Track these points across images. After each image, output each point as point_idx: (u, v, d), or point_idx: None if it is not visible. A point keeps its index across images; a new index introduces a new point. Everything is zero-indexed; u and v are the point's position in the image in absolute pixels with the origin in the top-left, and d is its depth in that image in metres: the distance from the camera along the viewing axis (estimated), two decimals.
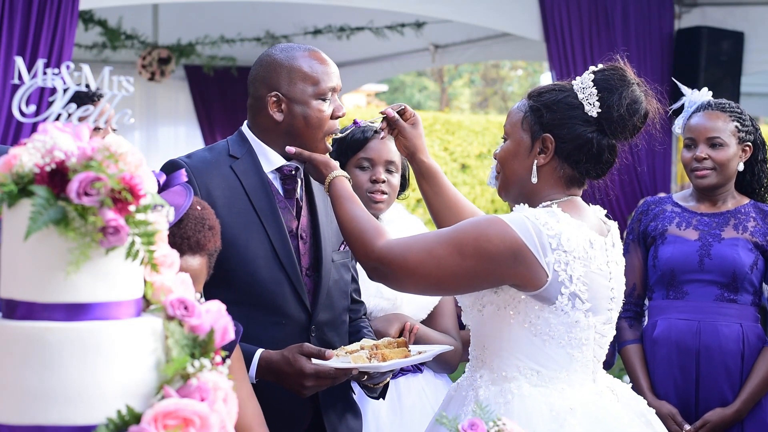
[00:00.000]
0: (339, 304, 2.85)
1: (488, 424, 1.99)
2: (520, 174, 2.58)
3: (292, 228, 2.78)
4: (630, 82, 2.56)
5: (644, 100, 2.57)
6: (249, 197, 2.72)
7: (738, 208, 3.56)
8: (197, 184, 2.67)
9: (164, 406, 1.53)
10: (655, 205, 3.69)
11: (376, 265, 2.46)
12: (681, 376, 3.49)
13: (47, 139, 1.57)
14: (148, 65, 8.96)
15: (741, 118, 3.56)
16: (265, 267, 2.70)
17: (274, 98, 2.75)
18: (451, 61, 10.27)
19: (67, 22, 5.66)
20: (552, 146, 2.54)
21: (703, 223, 3.55)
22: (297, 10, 8.24)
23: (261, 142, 2.79)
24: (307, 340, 2.73)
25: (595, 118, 2.54)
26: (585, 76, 2.58)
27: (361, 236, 2.50)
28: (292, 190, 2.80)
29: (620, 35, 7.34)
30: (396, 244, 2.47)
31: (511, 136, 2.61)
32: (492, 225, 2.43)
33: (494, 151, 2.66)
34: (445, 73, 25.83)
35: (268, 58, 2.80)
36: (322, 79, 2.76)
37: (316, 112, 2.74)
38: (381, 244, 2.47)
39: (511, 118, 2.63)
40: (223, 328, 1.67)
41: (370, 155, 3.27)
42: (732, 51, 7.54)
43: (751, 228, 3.50)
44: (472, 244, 2.41)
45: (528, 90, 2.71)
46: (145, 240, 1.58)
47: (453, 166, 16.28)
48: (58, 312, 1.55)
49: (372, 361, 2.57)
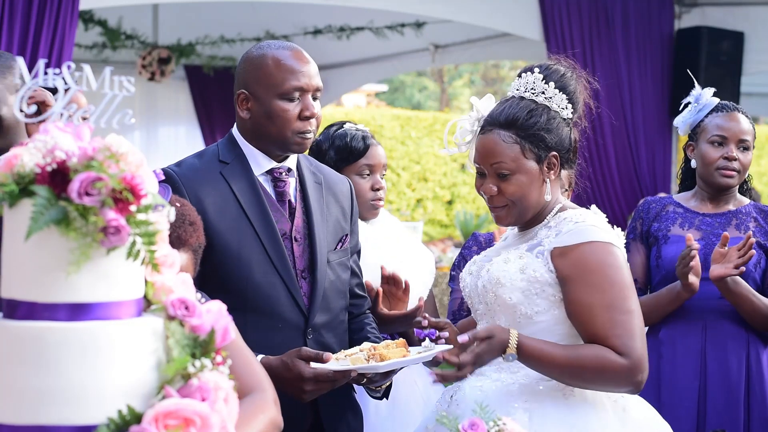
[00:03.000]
0: (336, 305, 2.83)
1: (488, 424, 1.99)
2: (537, 200, 2.64)
3: (285, 230, 2.75)
4: (568, 72, 2.72)
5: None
6: (239, 202, 2.70)
7: (739, 208, 3.58)
8: (187, 193, 2.64)
9: (165, 406, 1.53)
10: (656, 205, 3.69)
11: (638, 373, 2.47)
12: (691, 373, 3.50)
13: (48, 139, 1.57)
14: (148, 65, 8.96)
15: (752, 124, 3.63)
16: (259, 271, 2.68)
17: (242, 95, 2.74)
18: (451, 61, 10.28)
19: (68, 22, 5.67)
20: (558, 161, 2.64)
21: (705, 224, 3.56)
22: (297, 10, 8.24)
23: (248, 144, 2.77)
24: (303, 343, 2.72)
25: (570, 118, 2.69)
26: (541, 85, 2.65)
27: (606, 370, 2.47)
28: (284, 192, 2.78)
29: (620, 35, 7.34)
30: (625, 341, 2.47)
31: (518, 171, 2.61)
32: (614, 256, 2.55)
33: (489, 191, 2.63)
34: (445, 73, 25.83)
35: (244, 55, 2.79)
36: (286, 78, 2.69)
37: (279, 111, 2.68)
38: (627, 361, 2.46)
39: (502, 152, 2.61)
40: (223, 328, 1.67)
41: (371, 162, 3.35)
42: (732, 51, 7.54)
43: (752, 228, 3.52)
44: (626, 282, 2.53)
45: (487, 117, 2.68)
46: (146, 240, 1.58)
47: (453, 166, 16.28)
48: (58, 312, 1.55)
49: (370, 362, 2.57)
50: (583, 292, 2.50)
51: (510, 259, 2.60)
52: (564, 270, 2.53)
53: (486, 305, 2.64)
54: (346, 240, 2.88)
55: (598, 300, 2.48)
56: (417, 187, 15.82)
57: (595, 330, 2.49)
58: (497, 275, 2.58)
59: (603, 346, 2.47)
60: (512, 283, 2.56)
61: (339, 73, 10.21)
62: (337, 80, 10.22)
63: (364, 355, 2.58)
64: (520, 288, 2.56)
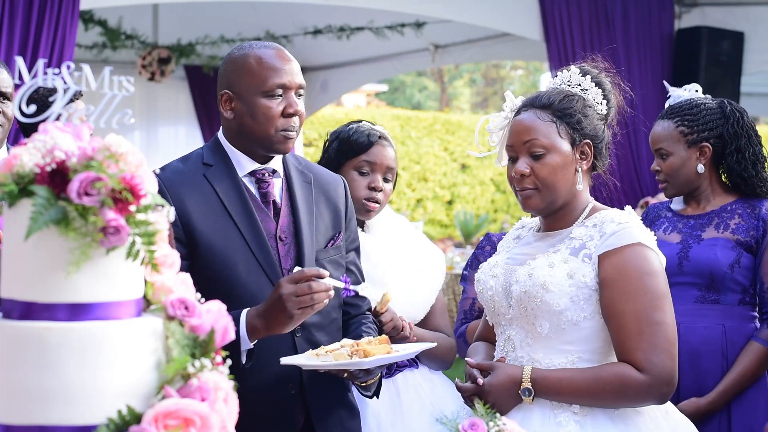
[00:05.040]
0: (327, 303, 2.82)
1: (488, 424, 1.99)
2: (568, 188, 2.61)
3: (270, 230, 2.75)
4: (604, 73, 2.74)
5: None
6: (223, 203, 2.70)
7: (723, 206, 3.47)
8: (170, 196, 2.65)
9: (165, 406, 1.53)
10: (653, 212, 3.68)
11: (661, 387, 2.46)
12: None
13: (48, 139, 1.57)
14: (148, 65, 8.96)
15: (690, 119, 3.47)
16: (245, 271, 2.68)
17: (225, 96, 2.75)
18: (451, 61, 10.27)
19: (68, 22, 5.67)
20: (591, 151, 2.63)
21: (688, 226, 3.50)
22: (297, 10, 8.25)
23: (232, 146, 2.78)
24: (292, 342, 2.71)
25: (604, 114, 2.69)
26: (578, 78, 2.68)
27: (627, 389, 2.46)
28: (267, 193, 2.78)
29: (620, 35, 7.33)
30: (648, 356, 2.45)
31: (552, 150, 2.59)
32: (652, 263, 2.52)
33: (520, 170, 2.60)
34: (445, 73, 25.83)
35: (226, 56, 2.81)
36: (269, 75, 2.70)
37: (263, 109, 2.70)
38: (646, 377, 2.45)
39: (538, 130, 2.60)
40: (223, 328, 1.67)
41: (372, 159, 3.24)
42: (732, 51, 7.54)
43: (733, 226, 3.42)
44: (660, 291, 2.51)
45: (524, 100, 2.70)
46: (146, 240, 1.58)
47: (453, 166, 16.28)
48: (58, 312, 1.55)
49: (353, 359, 2.56)
50: (617, 298, 2.48)
51: (555, 263, 2.54)
52: (604, 272, 2.51)
53: (524, 310, 2.58)
54: (339, 238, 2.87)
55: (630, 308, 2.46)
56: (417, 187, 15.82)
57: (621, 339, 2.48)
58: (543, 280, 2.52)
59: (625, 360, 2.47)
60: (560, 289, 2.51)
61: (339, 73, 10.21)
62: (337, 80, 10.23)
63: (347, 351, 2.56)
64: (569, 294, 2.51)
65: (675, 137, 3.47)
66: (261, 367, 2.64)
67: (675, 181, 3.50)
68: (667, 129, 3.50)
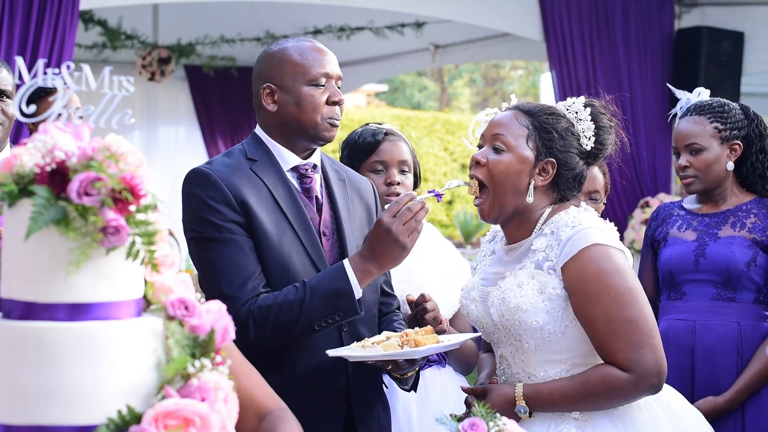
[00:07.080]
0: (368, 298, 2.84)
1: (488, 424, 1.99)
2: (517, 192, 2.59)
3: (315, 225, 2.79)
4: (608, 116, 2.68)
5: None
6: (273, 196, 2.73)
7: (739, 205, 3.52)
8: (226, 186, 2.67)
9: (165, 406, 1.53)
10: (664, 211, 3.69)
11: (649, 381, 2.45)
12: (677, 377, 3.48)
13: (48, 139, 1.57)
14: (148, 65, 8.96)
15: (722, 117, 3.50)
16: (298, 262, 2.71)
17: (267, 90, 2.77)
18: (451, 61, 10.27)
19: (68, 22, 5.66)
20: (553, 171, 2.60)
21: (703, 224, 3.54)
22: (297, 10, 8.25)
23: (274, 141, 2.81)
24: (339, 335, 2.75)
25: (587, 151, 2.65)
26: (578, 107, 2.65)
27: (614, 390, 2.46)
28: (310, 188, 2.81)
29: (620, 35, 7.33)
30: (628, 355, 2.45)
31: (513, 150, 2.60)
32: (611, 260, 2.49)
33: (477, 157, 2.62)
34: (445, 73, 25.83)
35: (263, 53, 2.84)
36: (312, 65, 2.74)
37: (308, 98, 2.73)
38: (632, 376, 2.45)
39: (509, 128, 2.61)
40: (223, 328, 1.67)
41: (383, 158, 3.29)
42: (732, 51, 7.54)
43: (749, 225, 3.46)
44: (623, 287, 2.48)
45: (517, 102, 2.71)
46: (146, 240, 1.58)
47: (453, 166, 16.29)
48: (58, 312, 1.55)
49: (404, 348, 2.57)
50: (584, 304, 2.48)
51: (523, 282, 2.54)
52: (567, 282, 2.51)
53: (507, 331, 2.60)
54: None
55: (598, 312, 2.46)
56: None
57: (599, 342, 2.48)
58: (516, 302, 2.53)
59: (608, 362, 2.47)
60: (535, 307, 2.52)
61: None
62: None
63: (396, 341, 2.58)
64: (544, 308, 2.52)
65: (709, 133, 3.50)
66: (311, 358, 2.69)
67: (706, 177, 3.52)
68: (701, 124, 3.51)
